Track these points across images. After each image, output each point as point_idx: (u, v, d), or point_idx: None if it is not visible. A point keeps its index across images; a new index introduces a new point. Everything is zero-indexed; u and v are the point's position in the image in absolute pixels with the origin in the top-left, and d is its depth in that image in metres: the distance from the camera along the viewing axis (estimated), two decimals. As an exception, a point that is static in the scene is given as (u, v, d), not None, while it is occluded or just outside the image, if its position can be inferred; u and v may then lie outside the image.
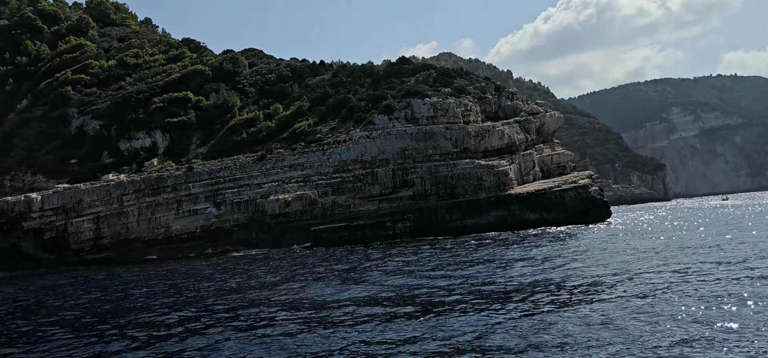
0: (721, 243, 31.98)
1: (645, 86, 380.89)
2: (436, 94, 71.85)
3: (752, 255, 25.79)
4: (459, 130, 64.66)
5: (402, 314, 18.30)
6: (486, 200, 59.62)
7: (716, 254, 27.05)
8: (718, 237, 35.79)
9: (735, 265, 23.16)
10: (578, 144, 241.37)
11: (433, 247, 44.45)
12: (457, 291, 21.73)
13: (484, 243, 43.81)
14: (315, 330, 17.34)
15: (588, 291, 19.86)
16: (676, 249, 30.56)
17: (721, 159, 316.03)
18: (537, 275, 24.06)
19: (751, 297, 16.87)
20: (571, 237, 43.13)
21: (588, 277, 22.85)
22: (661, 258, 26.99)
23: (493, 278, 24.41)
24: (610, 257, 28.89)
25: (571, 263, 27.67)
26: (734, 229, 41.72)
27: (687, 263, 24.91)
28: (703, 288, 18.72)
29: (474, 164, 61.89)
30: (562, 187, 59.41)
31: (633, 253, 30.12)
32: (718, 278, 20.43)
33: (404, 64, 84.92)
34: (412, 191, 61.95)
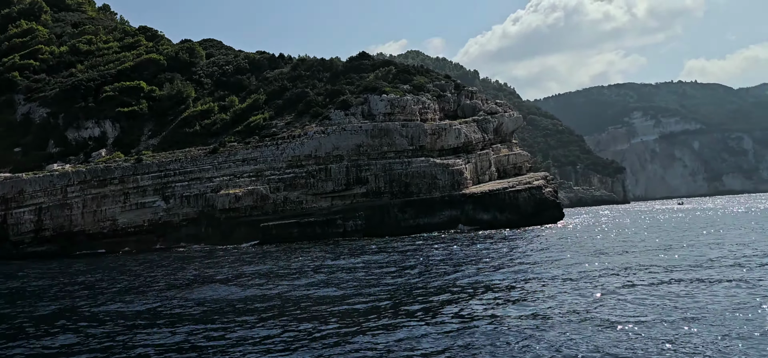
0: (660, 247, 31.93)
1: (608, 90, 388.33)
2: (394, 90, 71.05)
3: (689, 260, 25.65)
4: (415, 127, 63.99)
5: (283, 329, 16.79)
6: (440, 200, 59.10)
7: (652, 258, 26.87)
8: (661, 241, 35.84)
9: (670, 269, 22.93)
10: (541, 145, 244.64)
11: (379, 246, 43.62)
12: (383, 298, 20.91)
13: (427, 243, 43.18)
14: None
15: (513, 294, 19.28)
16: (616, 253, 30.36)
17: (679, 163, 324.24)
18: (456, 275, 23.49)
19: (677, 302, 16.47)
20: (516, 238, 42.84)
21: (515, 279, 22.34)
22: (600, 261, 26.70)
23: (414, 283, 23.69)
24: (546, 259, 28.52)
25: (504, 264, 27.18)
26: (680, 233, 41.97)
27: (620, 265, 24.65)
28: (631, 293, 18.28)
29: (429, 163, 61.30)
30: (516, 188, 59.25)
31: (573, 254, 29.81)
32: (650, 282, 20.08)
33: (364, 60, 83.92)
34: (366, 188, 61.04)
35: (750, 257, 25.61)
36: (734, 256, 26.09)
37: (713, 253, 27.64)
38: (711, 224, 52.16)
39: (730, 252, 27.71)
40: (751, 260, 24.67)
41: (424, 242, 44.94)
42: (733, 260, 24.83)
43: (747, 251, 27.56)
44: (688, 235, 39.78)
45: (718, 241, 33.93)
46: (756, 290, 17.83)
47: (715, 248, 30.12)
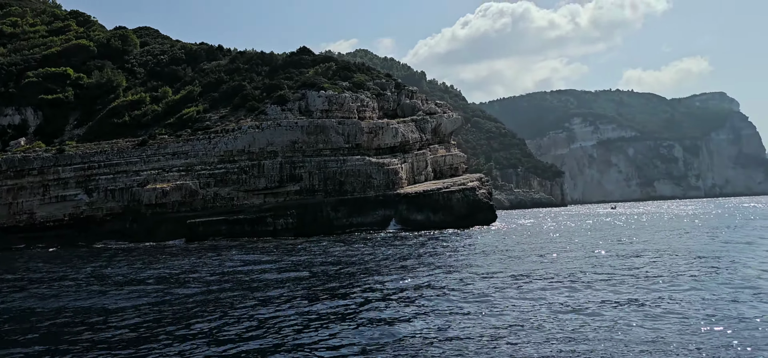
0: (578, 250, 32.37)
1: (551, 96, 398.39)
2: (333, 87, 70.10)
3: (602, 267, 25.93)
4: (352, 125, 63.27)
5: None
6: (374, 199, 58.59)
7: (566, 263, 27.09)
8: (582, 245, 36.43)
9: (583, 273, 23.06)
10: (484, 147, 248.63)
11: (298, 246, 42.67)
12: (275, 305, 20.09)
13: (351, 244, 42.57)
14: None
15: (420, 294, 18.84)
16: (535, 255, 30.53)
17: (615, 169, 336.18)
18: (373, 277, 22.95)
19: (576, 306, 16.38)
20: (439, 239, 42.78)
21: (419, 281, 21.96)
22: (517, 262, 26.72)
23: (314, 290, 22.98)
24: (460, 259, 28.37)
25: (417, 265, 26.85)
26: (603, 238, 42.87)
27: (533, 267, 24.69)
28: (534, 293, 18.11)
29: (364, 161, 60.71)
30: (451, 188, 59.39)
31: (491, 256, 29.79)
32: (551, 285, 20.03)
33: (304, 55, 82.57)
34: (300, 186, 59.89)
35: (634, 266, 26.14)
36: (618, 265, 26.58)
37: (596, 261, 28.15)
38: (632, 227, 53.72)
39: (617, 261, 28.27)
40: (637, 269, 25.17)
41: (343, 243, 44.29)
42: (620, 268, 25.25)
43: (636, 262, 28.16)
44: (604, 241, 40.67)
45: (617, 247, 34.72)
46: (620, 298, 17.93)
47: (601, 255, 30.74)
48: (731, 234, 40.64)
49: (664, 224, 57.98)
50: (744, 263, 24.49)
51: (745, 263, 24.50)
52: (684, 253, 29.05)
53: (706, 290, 18.45)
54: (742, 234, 40.25)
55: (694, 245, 33.41)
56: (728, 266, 23.70)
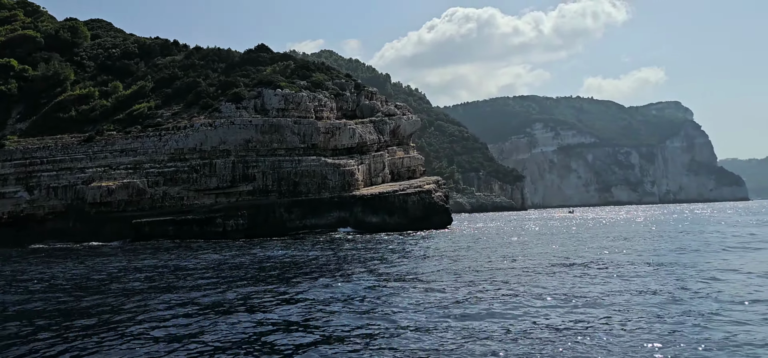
0: (519, 254, 31.98)
1: (513, 101, 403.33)
2: (290, 86, 68.70)
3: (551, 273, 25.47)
4: (308, 125, 62.01)
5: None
6: (328, 200, 57.45)
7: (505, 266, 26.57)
8: (527, 248, 36.11)
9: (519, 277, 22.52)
10: (447, 151, 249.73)
11: (235, 248, 41.28)
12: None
13: (297, 248, 41.39)
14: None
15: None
16: (483, 259, 29.96)
17: (574, 174, 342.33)
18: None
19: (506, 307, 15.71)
20: (386, 241, 41.99)
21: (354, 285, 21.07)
22: (461, 264, 26.07)
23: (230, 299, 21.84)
24: (397, 264, 27.59)
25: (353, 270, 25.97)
26: (552, 242, 42.74)
27: (481, 268, 24.08)
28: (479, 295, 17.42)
29: (320, 162, 59.53)
30: (407, 191, 58.71)
31: (435, 259, 29.09)
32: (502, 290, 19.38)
33: (262, 52, 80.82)
34: (253, 186, 58.31)
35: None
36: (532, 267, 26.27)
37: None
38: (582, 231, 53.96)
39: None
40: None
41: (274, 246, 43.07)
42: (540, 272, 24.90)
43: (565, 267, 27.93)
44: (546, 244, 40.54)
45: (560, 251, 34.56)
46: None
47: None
48: (683, 240, 41.04)
49: (620, 230, 58.52)
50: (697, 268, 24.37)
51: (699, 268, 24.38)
52: (636, 263, 28.90)
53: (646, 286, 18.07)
54: (697, 241, 40.68)
55: (647, 252, 33.43)
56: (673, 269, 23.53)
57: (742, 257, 28.33)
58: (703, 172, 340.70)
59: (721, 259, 27.41)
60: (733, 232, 46.84)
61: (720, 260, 26.76)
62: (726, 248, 32.68)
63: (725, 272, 22.94)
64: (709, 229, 52.61)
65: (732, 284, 19.85)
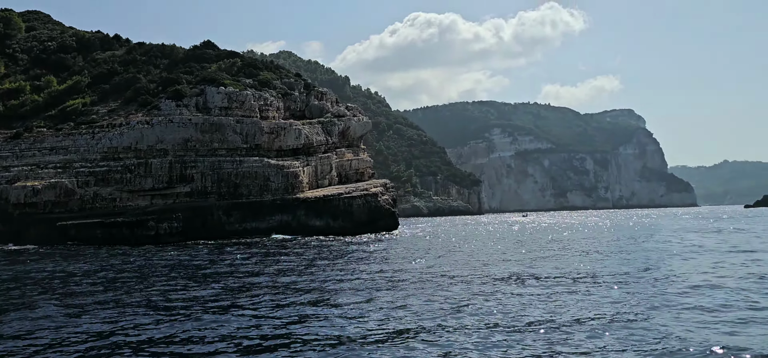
0: (450, 258, 30.72)
1: (472, 106, 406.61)
2: (235, 84, 66.21)
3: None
4: (251, 124, 59.70)
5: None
6: (270, 203, 55.26)
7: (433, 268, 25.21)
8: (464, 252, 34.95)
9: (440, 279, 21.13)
10: (406, 154, 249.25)
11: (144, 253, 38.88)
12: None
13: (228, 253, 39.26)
14: None
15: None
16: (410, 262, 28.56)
17: (531, 179, 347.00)
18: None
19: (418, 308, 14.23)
20: (321, 246, 40.25)
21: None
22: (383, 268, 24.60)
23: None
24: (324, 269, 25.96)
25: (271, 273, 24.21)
26: (492, 242, 41.75)
27: (398, 271, 22.64)
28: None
29: (262, 163, 57.30)
30: (353, 194, 57.04)
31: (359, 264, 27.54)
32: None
33: (208, 49, 77.96)
34: (191, 187, 55.63)
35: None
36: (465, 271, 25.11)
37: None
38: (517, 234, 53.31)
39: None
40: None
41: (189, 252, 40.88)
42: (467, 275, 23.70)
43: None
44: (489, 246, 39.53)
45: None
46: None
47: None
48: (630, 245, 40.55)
49: (569, 236, 58.13)
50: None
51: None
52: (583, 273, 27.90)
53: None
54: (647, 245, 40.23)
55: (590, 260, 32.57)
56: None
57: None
58: (655, 179, 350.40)
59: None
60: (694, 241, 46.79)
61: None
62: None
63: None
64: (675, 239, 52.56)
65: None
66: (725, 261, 27.68)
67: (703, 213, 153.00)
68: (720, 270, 24.18)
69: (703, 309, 15.68)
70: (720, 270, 24.18)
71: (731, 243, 38.56)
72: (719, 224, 73.96)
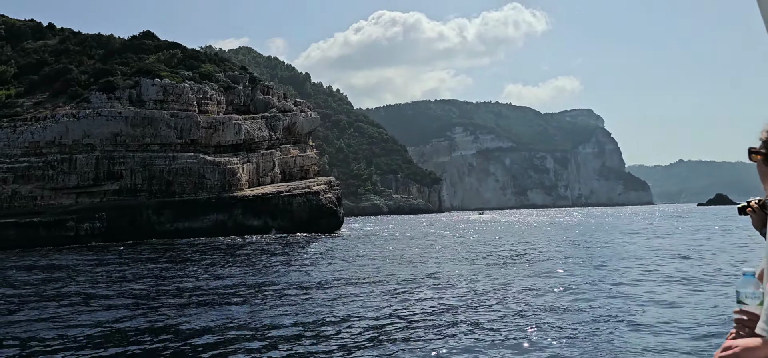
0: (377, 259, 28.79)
1: (434, 105, 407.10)
2: (172, 76, 62.95)
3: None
4: (187, 118, 56.63)
5: None
6: (205, 202, 52.38)
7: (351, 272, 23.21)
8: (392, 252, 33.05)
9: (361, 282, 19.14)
10: (366, 152, 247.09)
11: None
12: None
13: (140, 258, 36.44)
14: None
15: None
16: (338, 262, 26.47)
17: (492, 178, 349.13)
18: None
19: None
20: (239, 248, 37.79)
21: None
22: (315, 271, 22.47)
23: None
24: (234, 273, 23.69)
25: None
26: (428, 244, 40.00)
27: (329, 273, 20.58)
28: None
29: (198, 159, 54.34)
30: (293, 192, 54.59)
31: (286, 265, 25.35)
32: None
33: (148, 40, 74.25)
34: (119, 184, 52.29)
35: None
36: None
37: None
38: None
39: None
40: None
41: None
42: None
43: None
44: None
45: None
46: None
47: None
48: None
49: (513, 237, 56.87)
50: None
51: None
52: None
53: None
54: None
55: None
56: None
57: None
58: (613, 178, 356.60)
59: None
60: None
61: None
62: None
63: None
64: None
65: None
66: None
67: (656, 212, 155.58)
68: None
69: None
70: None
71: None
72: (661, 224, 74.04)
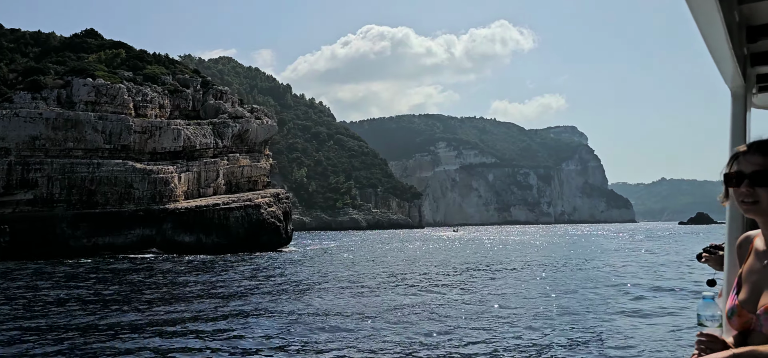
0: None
1: (418, 119, 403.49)
2: (110, 76, 57.51)
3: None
4: (117, 122, 51.15)
5: None
6: (131, 214, 46.81)
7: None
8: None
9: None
10: (346, 166, 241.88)
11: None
12: None
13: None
14: None
15: None
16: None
17: (475, 193, 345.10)
18: None
19: None
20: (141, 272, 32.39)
21: None
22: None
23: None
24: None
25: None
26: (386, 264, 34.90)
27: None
28: None
29: (125, 167, 48.80)
30: (231, 205, 49.17)
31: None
32: None
33: (90, 38, 68.84)
34: (34, 194, 46.57)
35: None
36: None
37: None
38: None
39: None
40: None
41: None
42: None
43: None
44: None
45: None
46: None
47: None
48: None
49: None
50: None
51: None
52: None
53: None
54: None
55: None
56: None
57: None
58: (596, 195, 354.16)
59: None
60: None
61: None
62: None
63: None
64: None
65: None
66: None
67: (635, 229, 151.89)
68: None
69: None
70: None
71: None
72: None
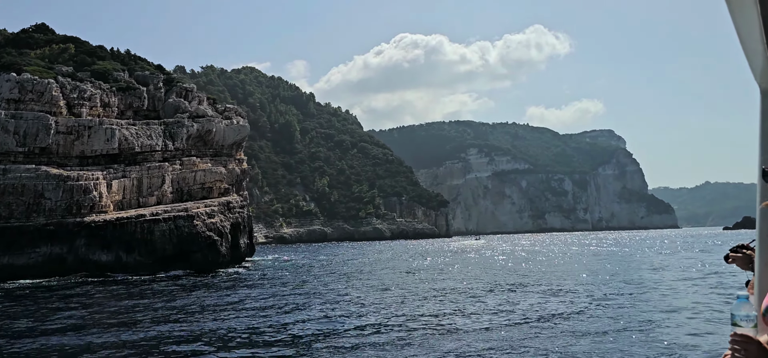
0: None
1: (448, 126, 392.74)
2: (45, 72, 50.16)
3: None
4: (34, 121, 43.48)
5: None
6: (37, 229, 38.81)
7: None
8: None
9: None
10: (369, 174, 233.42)
11: None
12: None
13: None
14: None
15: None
16: None
17: (508, 201, 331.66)
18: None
19: None
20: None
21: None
22: None
23: None
24: None
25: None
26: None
27: None
28: None
29: (37, 173, 40.94)
30: (158, 216, 40.70)
31: None
32: None
33: (39, 33, 61.87)
34: None
35: None
36: None
37: None
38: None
39: None
40: None
41: None
42: None
43: None
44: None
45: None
46: None
47: None
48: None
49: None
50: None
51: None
52: None
53: None
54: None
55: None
56: None
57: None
58: (635, 200, 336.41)
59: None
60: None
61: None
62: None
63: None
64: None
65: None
66: None
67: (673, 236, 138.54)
68: None
69: None
70: None
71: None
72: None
